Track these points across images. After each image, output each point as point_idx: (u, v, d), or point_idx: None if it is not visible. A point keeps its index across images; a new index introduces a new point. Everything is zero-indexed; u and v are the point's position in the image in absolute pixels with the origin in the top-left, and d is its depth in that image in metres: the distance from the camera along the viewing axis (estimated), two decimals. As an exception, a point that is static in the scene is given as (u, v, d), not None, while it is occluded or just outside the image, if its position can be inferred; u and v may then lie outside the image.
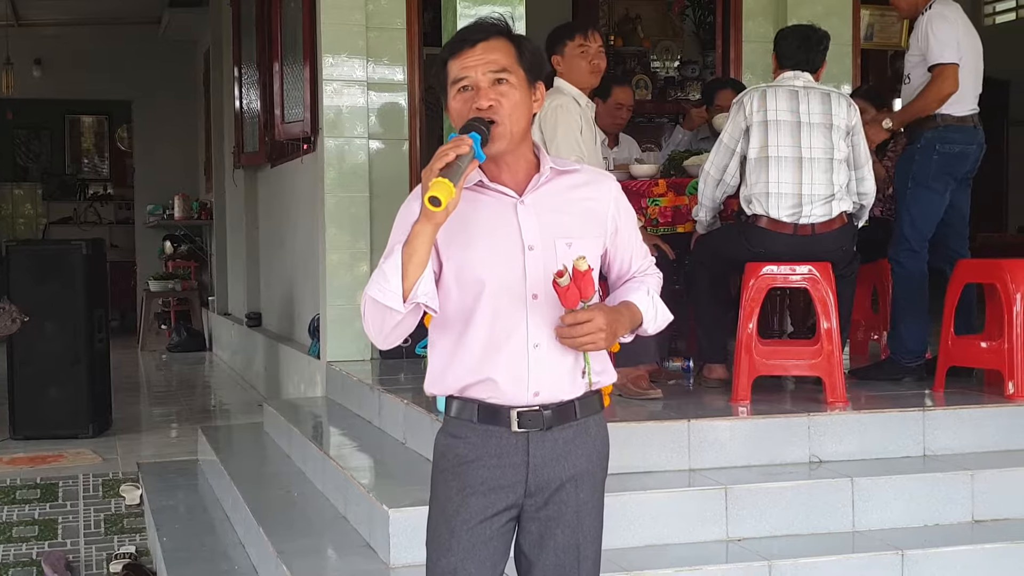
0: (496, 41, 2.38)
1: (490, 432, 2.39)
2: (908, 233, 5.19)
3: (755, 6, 7.19)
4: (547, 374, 2.37)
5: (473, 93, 2.35)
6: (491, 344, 2.36)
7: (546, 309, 2.35)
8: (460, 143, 2.22)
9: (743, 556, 3.81)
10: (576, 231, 2.41)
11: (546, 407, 2.38)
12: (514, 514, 2.43)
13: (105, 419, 7.38)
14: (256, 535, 4.34)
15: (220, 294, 11.85)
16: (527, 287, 2.35)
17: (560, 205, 2.41)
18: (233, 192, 10.77)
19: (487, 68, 2.35)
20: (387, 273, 2.26)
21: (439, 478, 2.47)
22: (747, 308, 4.70)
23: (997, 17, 12.66)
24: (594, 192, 2.47)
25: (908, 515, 4.12)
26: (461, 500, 2.40)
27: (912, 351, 5.23)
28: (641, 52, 10.04)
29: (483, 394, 2.38)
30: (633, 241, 2.56)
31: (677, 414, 4.43)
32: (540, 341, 2.36)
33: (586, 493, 2.46)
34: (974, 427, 4.50)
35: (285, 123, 7.55)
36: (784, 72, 4.93)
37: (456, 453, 2.43)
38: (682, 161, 5.74)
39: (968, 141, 5.17)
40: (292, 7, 7.44)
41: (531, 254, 2.36)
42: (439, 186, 2.17)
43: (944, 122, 5.13)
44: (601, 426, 2.50)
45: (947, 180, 5.17)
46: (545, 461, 2.40)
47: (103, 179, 16.24)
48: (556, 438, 2.40)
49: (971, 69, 5.17)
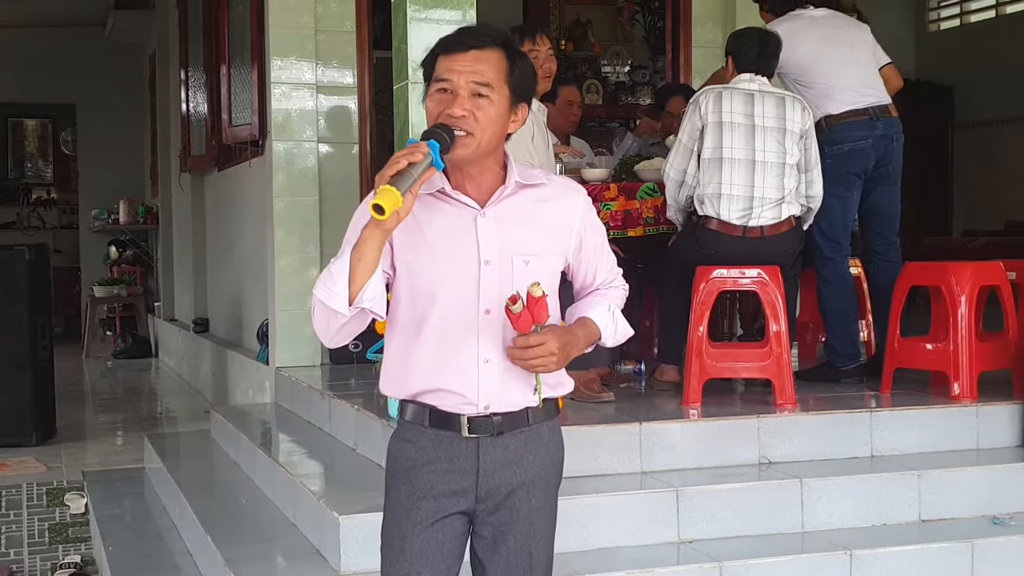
0: (491, 52, 2.33)
1: (441, 437, 2.37)
2: (819, 243, 5.19)
3: (704, 12, 7.24)
4: (497, 389, 2.35)
5: (450, 97, 2.30)
6: (441, 356, 2.33)
7: (498, 325, 2.32)
8: (415, 150, 2.18)
9: (694, 558, 3.82)
10: (535, 248, 2.37)
11: (497, 414, 2.36)
12: (467, 520, 2.42)
13: (49, 427, 7.28)
14: (204, 543, 4.30)
15: (166, 300, 11.75)
16: (480, 302, 2.32)
17: (522, 219, 2.37)
18: (180, 196, 10.68)
19: (471, 78, 2.30)
20: (334, 275, 2.23)
21: (391, 482, 2.45)
22: (698, 311, 4.73)
23: (941, 24, 12.82)
24: (560, 207, 2.43)
25: (856, 515, 4.15)
26: (412, 504, 2.38)
27: (845, 355, 5.27)
28: (592, 57, 10.08)
29: (435, 401, 2.37)
30: (599, 255, 2.52)
31: (629, 417, 4.44)
32: (491, 357, 2.33)
33: (538, 499, 2.44)
34: (920, 428, 4.55)
35: (233, 126, 7.50)
36: (739, 75, 4.97)
37: (407, 457, 2.41)
38: (633, 165, 5.76)
39: (859, 137, 5.15)
40: (240, 10, 7.39)
41: (487, 269, 2.32)
42: (385, 194, 2.12)
43: (829, 124, 5.16)
44: (555, 432, 2.48)
45: (847, 180, 5.15)
46: (496, 467, 2.38)
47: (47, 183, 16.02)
48: (507, 444, 2.38)
49: (845, 64, 5.20)
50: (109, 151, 13.92)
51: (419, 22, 4.11)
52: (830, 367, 5.33)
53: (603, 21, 10.29)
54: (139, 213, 12.93)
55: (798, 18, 5.31)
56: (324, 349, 6.51)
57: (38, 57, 13.36)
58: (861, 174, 5.20)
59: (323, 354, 6.49)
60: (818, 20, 5.31)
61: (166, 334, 11.58)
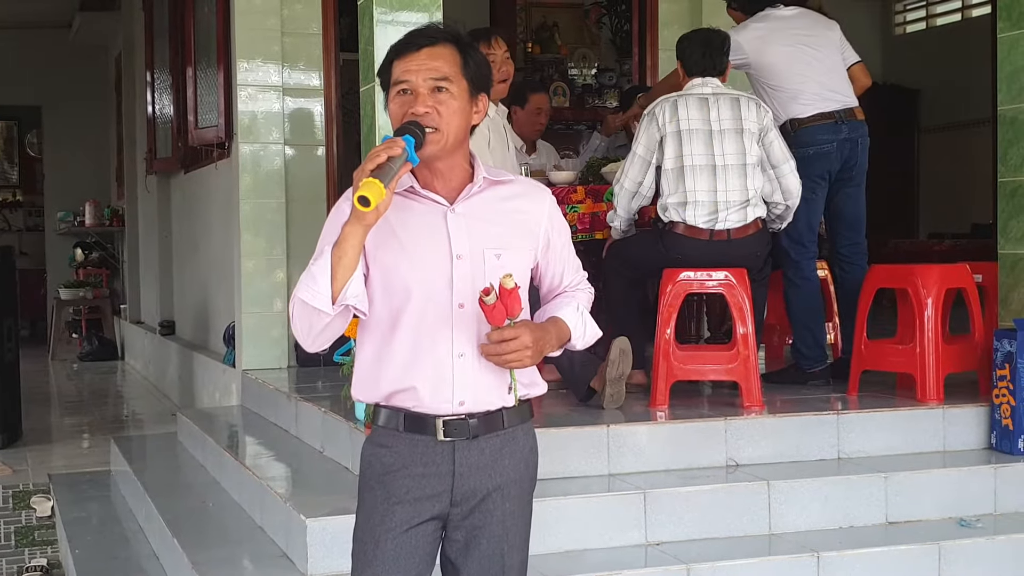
0: (442, 48, 2.37)
1: (416, 441, 2.37)
2: (786, 246, 5.21)
3: (671, 14, 7.26)
4: (472, 384, 2.35)
5: (411, 97, 2.34)
6: (416, 352, 2.34)
7: (472, 319, 2.33)
8: (392, 145, 2.21)
9: (662, 560, 3.82)
10: (506, 242, 2.39)
11: (472, 416, 2.36)
12: (440, 523, 2.42)
13: (15, 430, 7.23)
14: (171, 546, 4.27)
15: (132, 302, 11.68)
16: (453, 296, 2.33)
17: (491, 215, 2.39)
18: (146, 198, 10.62)
19: (428, 75, 2.33)
20: (316, 275, 2.24)
21: (365, 487, 2.44)
22: (665, 314, 4.73)
23: (907, 27, 12.91)
24: (528, 205, 2.46)
25: (823, 517, 4.17)
26: (386, 509, 2.38)
27: (811, 358, 5.29)
28: (559, 60, 10.09)
29: (408, 403, 2.36)
30: (565, 256, 2.54)
31: (596, 420, 4.44)
32: (465, 351, 2.34)
33: (512, 503, 2.44)
34: (887, 430, 4.57)
35: (199, 128, 7.46)
36: (692, 80, 4.98)
37: (382, 462, 2.40)
38: (600, 168, 5.77)
39: (825, 140, 5.17)
40: (206, 12, 7.36)
41: (459, 263, 2.34)
42: (369, 186, 2.15)
43: (795, 127, 5.18)
44: (529, 435, 2.48)
45: (811, 183, 5.14)
46: (471, 470, 2.38)
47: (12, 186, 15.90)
48: (483, 447, 2.38)
49: (811, 66, 5.22)
50: (75, 153, 13.84)
51: (385, 24, 4.10)
52: (797, 369, 5.35)
53: (570, 24, 10.31)
54: (105, 215, 12.86)
55: (769, 19, 5.33)
56: (291, 351, 6.49)
57: (2, 58, 13.25)
58: (826, 176, 5.22)
59: (290, 356, 6.47)
60: (788, 20, 5.33)
61: (132, 336, 11.51)
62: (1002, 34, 5.00)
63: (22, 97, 13.97)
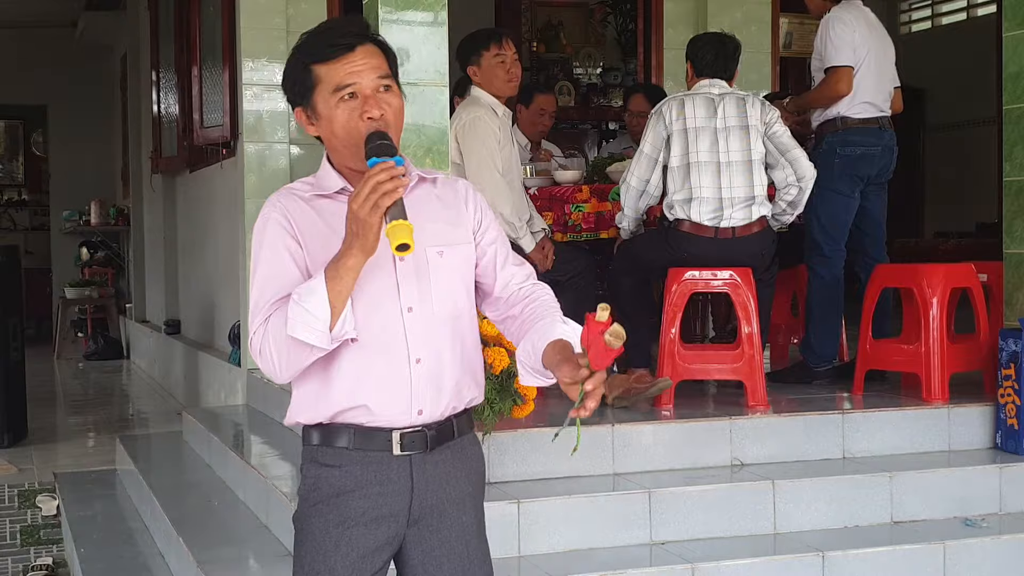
0: (372, 46, 2.25)
1: (369, 458, 2.24)
2: (819, 239, 5.25)
3: (675, 14, 7.26)
4: (431, 390, 2.23)
5: (359, 102, 2.20)
6: (368, 363, 2.20)
7: (423, 321, 2.22)
8: (395, 172, 2.05)
9: (666, 559, 3.82)
10: (446, 238, 2.29)
11: (429, 427, 2.25)
12: (396, 545, 2.29)
13: (21, 429, 7.23)
14: (176, 545, 4.28)
15: (138, 301, 11.68)
16: (401, 300, 2.22)
17: (427, 212, 2.27)
18: (151, 198, 10.62)
19: (374, 74, 2.21)
20: (316, 313, 2.09)
21: (311, 512, 2.28)
22: (670, 313, 4.73)
23: (913, 26, 12.90)
24: (455, 197, 2.36)
25: (828, 517, 4.17)
26: (340, 534, 2.24)
27: (822, 356, 5.30)
28: (563, 59, 10.08)
29: (360, 418, 2.22)
30: (505, 243, 2.42)
31: (601, 419, 4.43)
32: (421, 355, 2.22)
33: (469, 516, 2.34)
34: (892, 429, 4.57)
35: (204, 128, 7.47)
36: (700, 80, 4.99)
37: (331, 484, 2.25)
38: (605, 167, 5.78)
39: (872, 143, 5.24)
40: (211, 12, 7.36)
41: (402, 265, 2.22)
42: (401, 230, 2.01)
43: (844, 125, 5.21)
44: (476, 444, 2.39)
45: (853, 182, 5.23)
46: (429, 484, 2.27)
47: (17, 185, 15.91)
48: (437, 460, 2.27)
49: (874, 72, 5.25)
50: (80, 152, 13.84)
51: (391, 24, 4.10)
52: (803, 368, 5.34)
53: (575, 23, 10.29)
54: (110, 215, 12.86)
55: (858, 10, 5.32)
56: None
57: (8, 58, 13.26)
58: (865, 179, 5.28)
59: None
60: (871, 22, 5.34)
61: (138, 336, 11.52)
62: (1007, 33, 4.99)
63: (28, 96, 13.98)
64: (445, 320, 2.25)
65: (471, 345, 2.32)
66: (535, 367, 2.26)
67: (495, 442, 4.06)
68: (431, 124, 4.11)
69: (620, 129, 8.16)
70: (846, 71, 5.15)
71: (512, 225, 4.85)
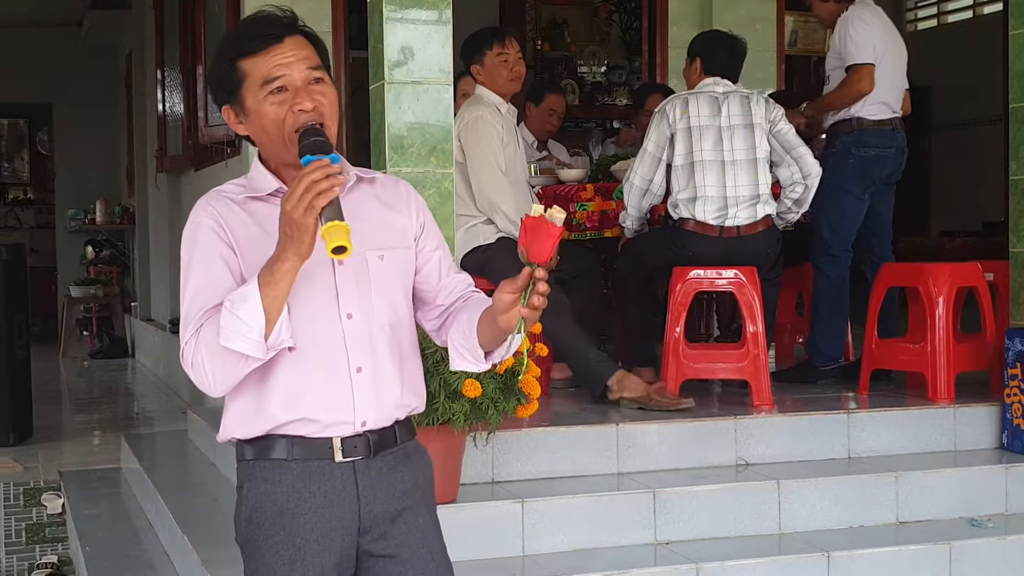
0: (301, 37, 2.13)
1: (310, 469, 2.12)
2: (828, 237, 5.25)
3: (680, 12, 7.25)
4: (374, 399, 2.12)
5: (290, 95, 2.09)
6: (307, 375, 2.09)
7: (364, 328, 2.11)
8: (330, 171, 1.92)
9: (671, 559, 3.82)
10: (387, 241, 2.18)
11: (372, 432, 2.14)
12: (352, 564, 2.18)
13: (26, 427, 7.24)
14: (181, 544, 4.28)
15: (143, 300, 11.69)
16: (340, 306, 2.10)
17: (366, 214, 2.16)
18: (156, 196, 10.63)
19: (304, 64, 2.10)
20: (249, 322, 1.96)
21: (258, 535, 2.15)
22: (674, 312, 4.73)
23: (919, 24, 12.88)
24: (396, 198, 2.25)
25: (834, 517, 4.16)
26: (293, 554, 2.12)
27: (827, 355, 5.29)
28: (568, 57, 10.09)
29: (302, 429, 2.11)
30: (445, 246, 2.32)
31: (605, 418, 4.43)
32: (363, 364, 2.11)
33: (426, 521, 2.23)
34: (898, 429, 4.56)
35: (208, 126, 7.47)
36: (705, 79, 4.98)
37: (274, 502, 2.13)
38: (609, 166, 5.77)
39: (886, 144, 5.23)
40: (216, 10, 7.36)
41: (341, 270, 2.11)
42: (338, 231, 1.90)
43: (860, 126, 5.20)
44: (420, 451, 2.27)
45: (865, 183, 5.23)
46: (375, 492, 2.15)
47: (23, 183, 15.94)
48: (380, 466, 2.16)
49: (889, 73, 5.24)
50: (85, 151, 13.86)
51: (395, 22, 4.09)
52: (808, 367, 5.34)
53: (579, 21, 10.30)
54: (116, 213, 12.87)
55: (874, 9, 5.31)
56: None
57: (14, 57, 13.27)
58: (877, 180, 5.27)
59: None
60: (887, 23, 5.33)
61: (143, 334, 11.53)
62: (1014, 31, 4.98)
63: (33, 95, 14.00)
64: (385, 327, 2.15)
65: (410, 353, 2.22)
66: (467, 345, 2.17)
67: (499, 441, 4.06)
68: (435, 123, 4.10)
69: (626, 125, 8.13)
70: (868, 69, 5.13)
71: (515, 224, 4.84)
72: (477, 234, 4.87)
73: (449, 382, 3.49)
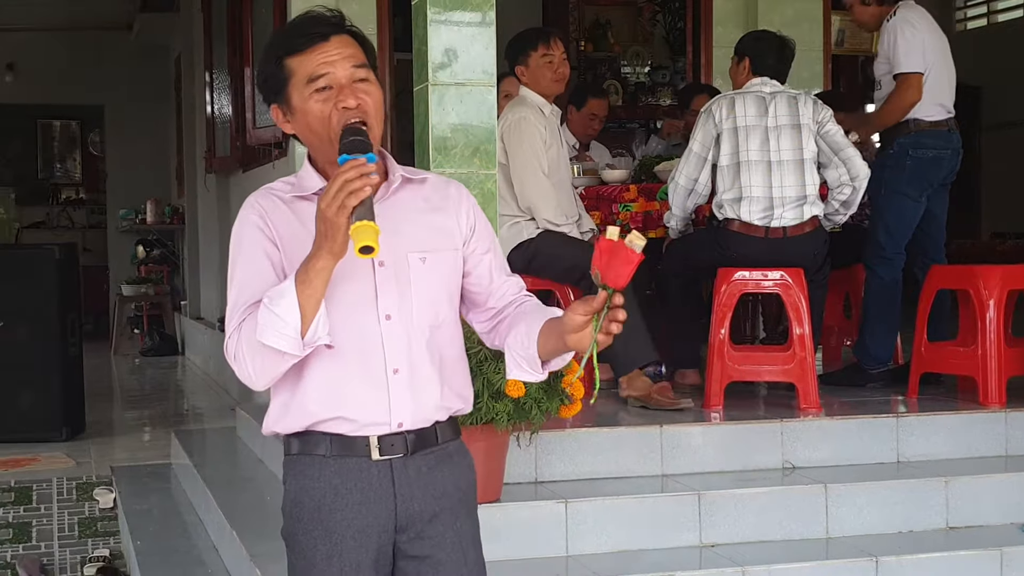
0: (346, 35, 2.13)
1: (348, 466, 2.13)
2: (883, 240, 5.20)
3: (725, 12, 7.21)
4: (411, 401, 2.12)
5: (334, 92, 2.09)
6: (344, 373, 2.10)
7: (402, 330, 2.11)
8: (365, 170, 1.92)
9: (716, 562, 3.80)
10: (431, 244, 2.16)
11: (410, 432, 2.14)
12: (389, 563, 2.19)
13: (79, 423, 7.31)
14: (230, 538, 4.31)
15: (193, 298, 11.79)
16: (379, 307, 2.10)
17: (412, 216, 2.16)
18: (205, 197, 10.72)
19: (349, 63, 2.10)
20: (285, 318, 1.98)
21: (297, 529, 2.19)
22: (719, 313, 4.70)
23: (968, 23, 12.74)
24: (446, 201, 2.23)
25: (882, 522, 4.12)
26: (330, 549, 2.14)
27: (877, 358, 5.25)
28: (611, 57, 10.05)
29: (338, 427, 2.13)
30: (498, 249, 2.30)
31: (650, 420, 4.42)
32: (399, 365, 2.11)
33: (463, 523, 2.22)
34: (948, 433, 4.51)
35: (256, 128, 7.52)
36: (753, 79, 4.95)
37: (311, 497, 2.16)
38: (653, 167, 5.76)
39: (942, 146, 5.18)
40: (263, 12, 7.41)
41: (381, 270, 2.10)
42: (366, 231, 1.88)
43: (917, 128, 5.15)
44: (463, 452, 2.26)
45: (922, 186, 5.18)
46: (413, 490, 2.15)
47: (75, 184, 16.11)
48: (419, 465, 2.16)
49: (942, 74, 5.19)
50: (136, 152, 13.98)
51: (439, 24, 4.10)
52: (857, 370, 5.29)
53: (623, 22, 10.26)
54: (166, 213, 12.98)
55: (921, 10, 5.25)
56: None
57: (66, 59, 13.42)
58: (934, 183, 5.21)
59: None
60: (933, 23, 5.28)
61: (192, 332, 11.62)
62: (1066, 31, 4.92)
63: (85, 97, 14.14)
64: (425, 329, 2.14)
65: (454, 355, 2.22)
66: (526, 355, 2.16)
67: (542, 442, 4.06)
68: (478, 124, 4.11)
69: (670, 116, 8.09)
70: (916, 78, 5.08)
71: (556, 225, 4.84)
72: (520, 230, 4.87)
73: (492, 382, 3.50)
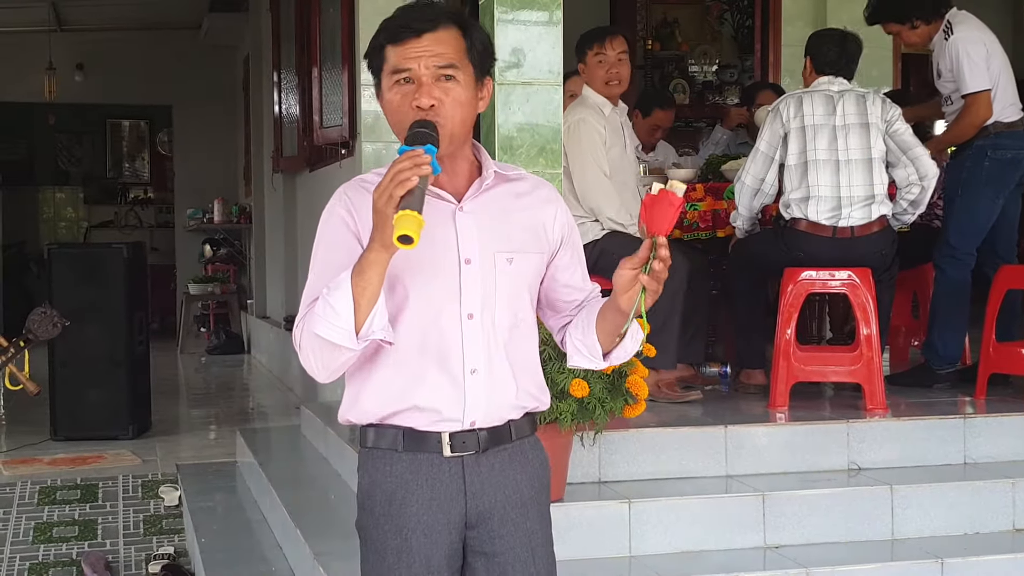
0: (445, 32, 2.12)
1: (419, 461, 2.14)
2: (954, 241, 5.14)
3: (794, 10, 7.17)
4: (485, 400, 2.12)
5: (414, 87, 2.10)
6: (420, 369, 2.10)
7: (482, 329, 2.11)
8: (419, 160, 1.93)
9: (781, 563, 3.79)
10: (519, 245, 2.16)
11: (482, 429, 2.14)
12: (459, 558, 2.19)
13: (145, 421, 7.42)
14: (294, 537, 4.35)
15: (259, 297, 11.89)
16: (462, 305, 2.10)
17: (503, 215, 2.16)
18: (272, 196, 10.81)
19: (433, 62, 2.09)
20: (337, 309, 1.98)
21: (369, 523, 2.20)
22: (785, 313, 4.68)
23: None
24: (540, 203, 2.23)
25: (948, 523, 4.08)
26: (400, 544, 2.15)
27: (945, 358, 5.19)
28: (679, 56, 10.02)
29: (411, 421, 2.13)
30: (581, 255, 2.30)
31: (714, 420, 4.41)
32: (477, 366, 2.11)
33: (534, 522, 2.21)
34: (1016, 435, 4.46)
35: (323, 128, 7.57)
36: (820, 77, 4.91)
37: (383, 490, 2.16)
38: (719, 166, 5.73)
39: (1019, 147, 5.12)
40: (331, 13, 7.46)
41: (468, 268, 2.11)
42: (407, 221, 1.88)
43: (995, 129, 5.09)
44: (538, 448, 2.26)
45: (999, 187, 5.11)
46: (483, 488, 2.16)
47: (143, 183, 16.35)
48: (491, 462, 2.16)
49: (1008, 75, 5.12)
50: (204, 151, 14.12)
51: (506, 23, 4.11)
52: (925, 370, 5.23)
53: (691, 20, 10.22)
54: (233, 212, 13.11)
55: (972, 19, 5.21)
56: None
57: (135, 59, 13.59)
58: (1011, 183, 5.16)
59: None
60: (985, 28, 5.22)
61: (258, 331, 11.73)
62: None
63: (154, 96, 14.30)
64: (504, 330, 2.15)
65: (529, 356, 2.22)
66: (585, 341, 2.19)
67: (606, 441, 4.07)
68: (544, 123, 4.12)
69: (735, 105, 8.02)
70: (985, 96, 5.03)
71: (622, 225, 4.84)
72: (586, 231, 4.87)
73: (557, 382, 3.50)
